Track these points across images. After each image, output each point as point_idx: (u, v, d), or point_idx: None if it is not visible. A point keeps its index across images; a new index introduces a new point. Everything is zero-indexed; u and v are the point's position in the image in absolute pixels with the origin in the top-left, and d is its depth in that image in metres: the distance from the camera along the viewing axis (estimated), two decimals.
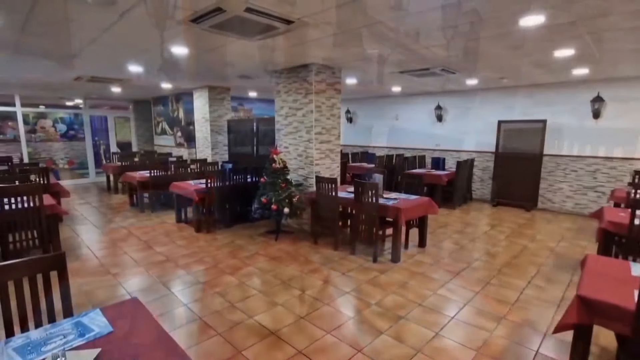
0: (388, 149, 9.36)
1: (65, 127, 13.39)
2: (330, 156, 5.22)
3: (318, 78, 4.85)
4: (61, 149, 13.42)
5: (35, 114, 12.55)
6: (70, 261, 4.04)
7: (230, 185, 5.35)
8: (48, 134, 13.15)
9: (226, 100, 7.56)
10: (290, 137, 5.31)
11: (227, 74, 5.68)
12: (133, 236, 4.98)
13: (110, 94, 8.81)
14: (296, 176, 5.29)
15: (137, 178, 6.33)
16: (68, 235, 5.01)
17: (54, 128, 13.21)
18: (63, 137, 13.45)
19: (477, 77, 5.91)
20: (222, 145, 7.61)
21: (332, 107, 5.13)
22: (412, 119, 8.74)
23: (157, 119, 10.12)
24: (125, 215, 6.23)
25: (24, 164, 6.58)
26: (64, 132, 13.40)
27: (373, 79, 6.16)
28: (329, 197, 4.39)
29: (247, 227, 5.50)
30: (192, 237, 4.97)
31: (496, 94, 7.27)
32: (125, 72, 5.45)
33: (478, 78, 6.04)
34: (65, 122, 13.32)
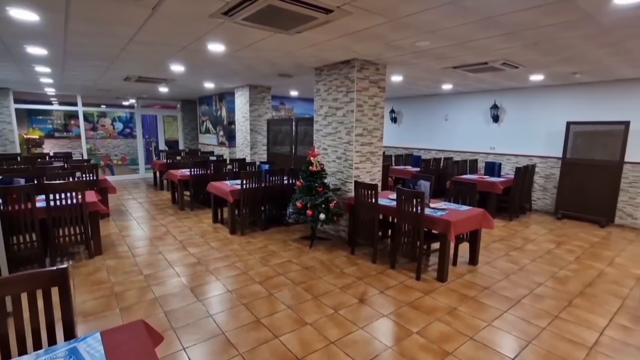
0: (435, 151, 8.70)
1: (122, 125, 14.34)
2: (371, 159, 4.84)
3: (360, 75, 4.49)
4: (118, 145, 14.40)
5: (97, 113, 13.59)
6: (109, 258, 4.09)
7: (266, 187, 5.19)
8: (107, 132, 14.17)
9: (267, 99, 7.45)
10: (329, 138, 5.00)
11: (265, 72, 5.52)
12: (170, 235, 4.99)
13: (159, 94, 9.15)
14: (334, 180, 4.98)
15: (178, 176, 6.43)
16: (112, 231, 5.16)
17: (112, 126, 14.20)
18: (120, 134, 14.43)
19: (545, 72, 5.16)
20: (261, 145, 7.52)
21: (375, 107, 4.74)
22: (464, 119, 8.02)
23: (202, 118, 10.36)
24: (166, 212, 6.34)
25: (80, 160, 6.97)
26: (121, 130, 14.36)
27: (422, 75, 5.65)
28: (368, 205, 4.02)
29: (282, 230, 5.30)
30: (226, 239, 4.86)
31: (565, 92, 6.37)
32: (168, 71, 5.51)
33: (545, 73, 5.28)
34: (122, 121, 14.27)
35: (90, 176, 5.62)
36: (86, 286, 3.38)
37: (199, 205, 6.83)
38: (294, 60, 4.65)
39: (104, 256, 4.17)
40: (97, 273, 3.69)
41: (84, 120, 13.58)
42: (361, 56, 4.29)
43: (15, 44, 3.87)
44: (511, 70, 4.89)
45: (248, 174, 4.97)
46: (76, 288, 3.34)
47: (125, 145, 14.49)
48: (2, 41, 3.77)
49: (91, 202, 4.06)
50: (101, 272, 3.70)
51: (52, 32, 3.34)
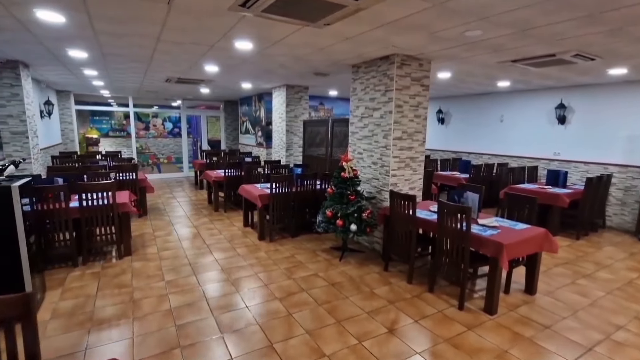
0: (488, 156, 7.87)
1: (171, 125, 15.04)
2: (411, 166, 4.35)
3: (401, 72, 4.03)
4: (167, 144, 15.13)
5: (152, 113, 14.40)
6: (137, 259, 4.08)
7: (297, 192, 4.92)
8: (158, 131, 14.95)
9: (304, 100, 7.21)
10: (364, 141, 4.60)
11: (300, 70, 5.25)
12: (199, 238, 4.92)
13: (201, 95, 9.35)
14: (369, 187, 4.57)
15: (213, 177, 6.41)
16: (145, 231, 5.23)
17: (163, 126, 14.96)
18: (169, 134, 15.16)
19: (630, 64, 4.29)
20: (297, 147, 7.30)
21: (417, 107, 4.25)
22: (522, 120, 7.12)
23: (242, 118, 10.44)
24: (201, 213, 6.35)
25: (124, 159, 7.27)
26: (170, 130, 15.08)
27: (474, 71, 5.02)
28: (405, 217, 3.57)
29: (312, 238, 5.00)
30: (254, 245, 4.67)
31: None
32: (203, 72, 5.47)
33: (630, 66, 4.40)
34: (171, 121, 14.96)
35: (131, 176, 5.77)
36: (109, 289, 3.35)
37: (233, 207, 6.78)
38: (329, 57, 4.31)
39: (133, 257, 4.18)
40: (121, 276, 3.66)
41: (138, 120, 14.55)
42: (402, 51, 3.84)
43: (57, 47, 3.99)
44: (585, 63, 4.11)
45: (278, 177, 4.73)
46: (99, 290, 3.32)
47: (174, 144, 15.19)
48: (45, 46, 3.90)
49: (122, 203, 4.07)
50: (126, 275, 3.67)
51: (83, 34, 3.35)
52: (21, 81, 4.85)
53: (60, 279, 3.56)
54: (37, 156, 5.36)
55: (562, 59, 3.92)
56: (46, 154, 7.22)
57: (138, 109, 12.41)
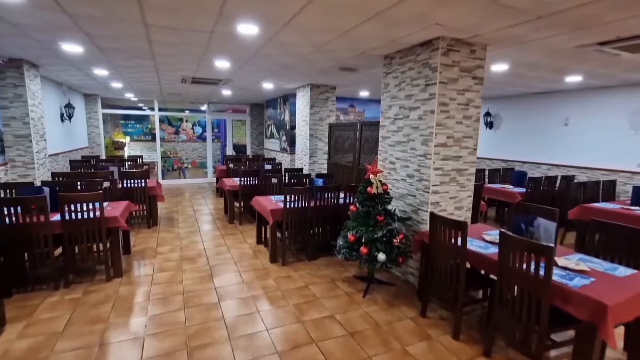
0: (547, 166, 6.65)
1: (201, 130, 14.95)
2: (457, 180, 3.43)
3: (447, 60, 3.15)
4: (196, 148, 15.04)
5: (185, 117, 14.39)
6: (126, 283, 3.51)
7: (317, 207, 4.16)
8: (188, 135, 14.91)
9: (330, 101, 6.47)
10: (398, 148, 3.75)
11: (323, 65, 4.51)
12: (203, 257, 4.30)
13: (224, 97, 8.92)
14: (402, 205, 3.70)
15: (227, 186, 5.83)
16: (147, 246, 4.70)
17: (192, 130, 14.90)
18: (199, 138, 15.08)
19: None
20: (322, 153, 6.55)
21: (467, 106, 3.34)
22: (595, 123, 5.87)
23: (268, 122, 9.91)
24: (214, 225, 5.78)
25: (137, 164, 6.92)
26: (200, 134, 14.99)
27: (539, 61, 4.00)
28: (451, 249, 2.67)
29: (332, 263, 4.20)
30: (263, 269, 3.96)
31: None
32: (215, 69, 4.90)
33: None
34: (201, 125, 14.87)
35: (140, 183, 5.33)
36: (80, 325, 2.77)
37: (250, 219, 6.15)
38: (354, 46, 3.53)
39: (123, 279, 3.61)
40: (101, 306, 3.08)
41: (169, 125, 14.60)
42: (448, 32, 2.97)
43: (47, 40, 3.56)
44: None
45: (293, 190, 4.00)
46: (68, 325, 2.75)
47: (203, 148, 15.07)
48: (34, 39, 3.48)
49: (111, 217, 3.53)
50: (106, 305, 3.09)
51: (60, 21, 2.84)
52: (25, 81, 4.54)
53: (33, 306, 3.05)
54: (43, 161, 5.06)
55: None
56: (66, 158, 7.05)
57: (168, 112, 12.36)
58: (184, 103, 11.29)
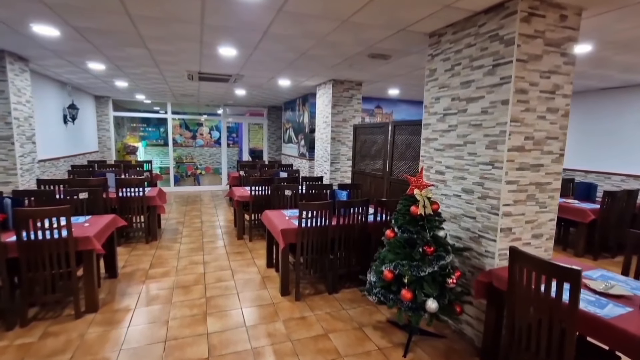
0: (621, 177, 5.48)
1: (218, 134, 14.44)
2: (537, 198, 2.47)
3: (528, 29, 2.23)
4: (214, 154, 14.54)
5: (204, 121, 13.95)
6: (96, 323, 2.74)
7: (340, 226, 3.30)
8: (205, 140, 14.45)
9: (355, 99, 5.61)
10: (449, 154, 2.84)
11: (348, 50, 3.66)
12: (200, 285, 3.52)
13: (239, 99, 8.26)
14: (455, 229, 2.77)
15: (237, 195, 5.07)
16: (139, 267, 3.98)
17: (210, 135, 14.43)
18: (216, 143, 14.58)
19: None
20: (345, 159, 5.69)
21: (554, 94, 2.39)
22: None
23: (286, 126, 9.17)
24: (220, 241, 5.02)
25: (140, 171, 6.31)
26: (217, 139, 14.49)
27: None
28: (547, 306, 1.73)
29: (359, 297, 3.31)
30: (271, 306, 3.12)
31: None
32: (221, 60, 4.17)
33: None
34: (218, 130, 14.36)
35: (138, 192, 4.66)
36: None
37: (262, 233, 5.37)
38: (392, 18, 2.68)
39: (96, 316, 2.87)
40: (55, 358, 2.34)
41: (186, 129, 14.20)
42: None
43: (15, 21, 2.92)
44: None
45: (310, 205, 3.15)
46: None
47: (220, 154, 14.58)
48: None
49: (82, 238, 2.81)
50: (61, 357, 2.34)
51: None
52: (7, 75, 3.97)
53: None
54: (30, 166, 4.48)
55: None
56: (68, 163, 6.55)
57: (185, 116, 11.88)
58: (201, 106, 10.78)
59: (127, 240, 4.90)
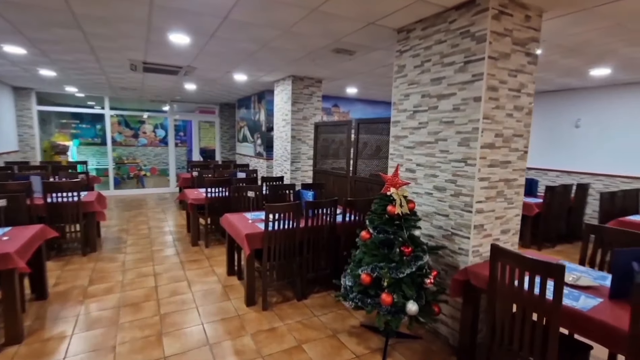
0: (556, 173, 6.00)
1: (164, 133, 13.45)
2: (505, 194, 2.53)
3: (498, 27, 2.26)
4: (160, 154, 13.51)
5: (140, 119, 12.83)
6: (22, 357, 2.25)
7: (308, 228, 3.13)
8: (149, 139, 13.36)
9: (315, 97, 5.48)
10: (419, 151, 2.80)
11: (313, 43, 3.50)
12: (152, 301, 3.11)
13: (189, 94, 7.69)
14: (428, 228, 2.74)
15: (190, 198, 4.65)
16: (76, 283, 3.43)
17: (154, 133, 13.38)
18: (162, 142, 13.56)
19: None
20: (306, 159, 5.52)
21: (519, 92, 2.46)
22: (612, 125, 5.28)
23: (240, 124, 8.75)
24: (172, 248, 4.57)
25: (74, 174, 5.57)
26: (163, 137, 13.48)
27: (595, 39, 3.23)
28: (530, 303, 1.73)
29: (330, 302, 3.17)
30: (236, 319, 2.85)
31: None
32: (172, 49, 3.77)
33: None
34: (164, 128, 13.38)
35: (73, 197, 4.05)
36: None
37: (219, 238, 5.01)
38: (363, 9, 2.57)
39: (19, 350, 2.38)
40: None
41: (126, 127, 13.00)
42: None
43: None
44: None
45: (278, 207, 2.94)
46: None
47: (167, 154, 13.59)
48: None
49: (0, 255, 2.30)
50: None
51: None
52: None
53: None
54: None
55: None
56: None
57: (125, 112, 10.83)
58: (144, 102, 9.89)
59: (59, 254, 4.25)
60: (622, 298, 1.84)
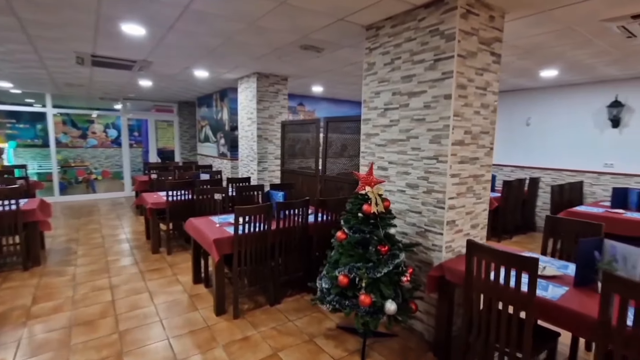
0: (510, 168, 6.37)
1: (116, 133, 12.55)
2: (474, 190, 2.60)
3: (466, 26, 2.30)
4: (112, 156, 12.58)
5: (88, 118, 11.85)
6: None
7: (280, 230, 3.02)
8: (100, 140, 12.40)
9: (281, 95, 5.35)
10: (391, 149, 2.80)
11: (280, 39, 3.39)
12: (108, 319, 2.84)
13: (144, 91, 7.20)
14: (402, 226, 2.75)
15: (149, 202, 4.33)
16: (13, 305, 3.04)
17: (105, 133, 12.43)
18: (115, 143, 12.64)
19: None
20: (273, 158, 5.38)
21: (485, 91, 2.53)
22: (560, 123, 5.70)
23: (201, 123, 8.37)
24: (130, 257, 4.23)
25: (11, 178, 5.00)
26: (116, 138, 12.57)
27: (547, 42, 3.42)
28: (506, 296, 1.77)
29: (304, 305, 3.09)
30: (206, 330, 2.67)
31: None
32: (125, 41, 3.47)
33: None
34: (117, 128, 12.48)
35: (10, 205, 3.60)
36: None
37: (183, 244, 4.72)
38: (331, 5, 2.51)
39: None
40: None
41: (73, 127, 11.95)
42: None
43: None
44: None
45: (249, 210, 2.80)
46: None
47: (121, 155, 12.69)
48: None
49: None
50: None
51: None
52: None
53: None
54: None
55: None
56: None
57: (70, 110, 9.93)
58: (93, 100, 9.14)
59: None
60: (586, 285, 1.95)
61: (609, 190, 5.05)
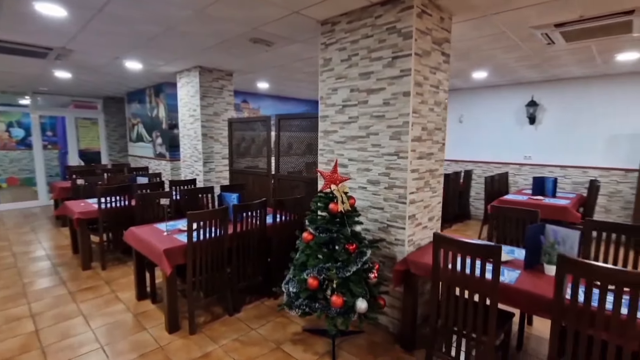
0: (447, 162, 6.87)
1: (23, 133, 10.82)
2: (430, 184, 2.71)
3: (421, 25, 2.37)
4: (18, 159, 10.84)
5: None
6: None
7: (237, 234, 2.84)
8: (2, 141, 10.58)
9: (226, 91, 5.06)
10: (351, 146, 2.80)
11: (229, 31, 3.17)
12: (33, 353, 2.39)
13: (61, 84, 6.28)
14: (364, 221, 2.76)
15: (76, 212, 3.77)
16: None
17: (7, 133, 10.65)
18: (21, 144, 10.88)
19: None
20: (220, 158, 5.08)
21: (438, 89, 2.65)
22: (487, 120, 6.29)
23: (132, 121, 7.59)
24: (54, 277, 3.64)
25: None
26: (22, 139, 10.83)
27: (482, 45, 3.70)
28: (472, 284, 1.87)
29: (265, 311, 2.95)
30: (159, 352, 2.39)
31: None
32: (39, 22, 2.95)
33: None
34: (23, 127, 10.76)
35: None
36: None
37: (119, 256, 4.22)
38: None
39: None
40: None
41: None
42: None
43: None
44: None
45: (203, 214, 2.57)
46: None
47: (30, 159, 10.97)
48: None
49: None
50: None
51: None
52: None
53: None
54: None
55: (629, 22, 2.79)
56: None
57: None
58: None
59: None
60: (533, 267, 2.14)
61: (529, 179, 5.72)
